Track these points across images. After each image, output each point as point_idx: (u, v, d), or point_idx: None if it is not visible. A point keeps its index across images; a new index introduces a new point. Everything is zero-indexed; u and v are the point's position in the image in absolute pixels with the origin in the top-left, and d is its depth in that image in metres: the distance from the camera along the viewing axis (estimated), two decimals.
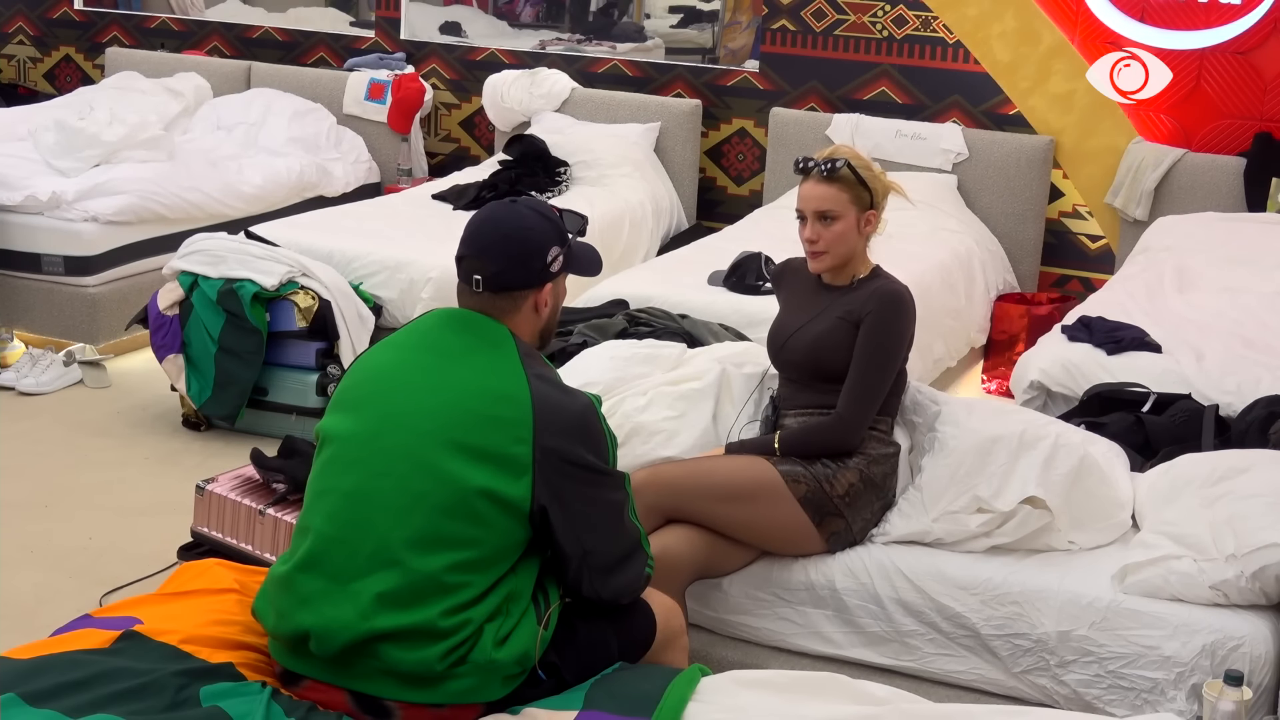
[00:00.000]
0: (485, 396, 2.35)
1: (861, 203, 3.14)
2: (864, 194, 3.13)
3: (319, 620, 2.29)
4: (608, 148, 6.30)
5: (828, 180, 3.12)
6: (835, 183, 3.12)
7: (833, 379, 3.12)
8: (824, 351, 3.12)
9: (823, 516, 3.07)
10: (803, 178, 3.18)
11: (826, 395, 3.14)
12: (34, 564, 3.90)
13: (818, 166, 3.13)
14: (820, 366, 3.13)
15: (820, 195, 3.13)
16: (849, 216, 3.13)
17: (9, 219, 5.56)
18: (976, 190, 5.99)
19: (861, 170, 3.14)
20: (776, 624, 3.13)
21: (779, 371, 3.29)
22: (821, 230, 3.13)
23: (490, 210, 2.51)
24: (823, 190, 3.12)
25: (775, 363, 3.28)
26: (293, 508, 3.57)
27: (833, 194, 3.12)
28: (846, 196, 3.12)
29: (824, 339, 3.13)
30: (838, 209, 3.12)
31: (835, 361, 3.11)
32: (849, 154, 3.16)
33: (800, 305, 3.25)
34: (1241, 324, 4.53)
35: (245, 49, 7.66)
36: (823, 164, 3.12)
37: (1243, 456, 3.24)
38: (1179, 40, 5.72)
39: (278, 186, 6.38)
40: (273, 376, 4.83)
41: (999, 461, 3.09)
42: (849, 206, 3.12)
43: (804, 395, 3.19)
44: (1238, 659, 2.77)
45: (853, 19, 6.30)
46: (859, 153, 3.20)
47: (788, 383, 3.25)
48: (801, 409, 3.18)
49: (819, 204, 3.12)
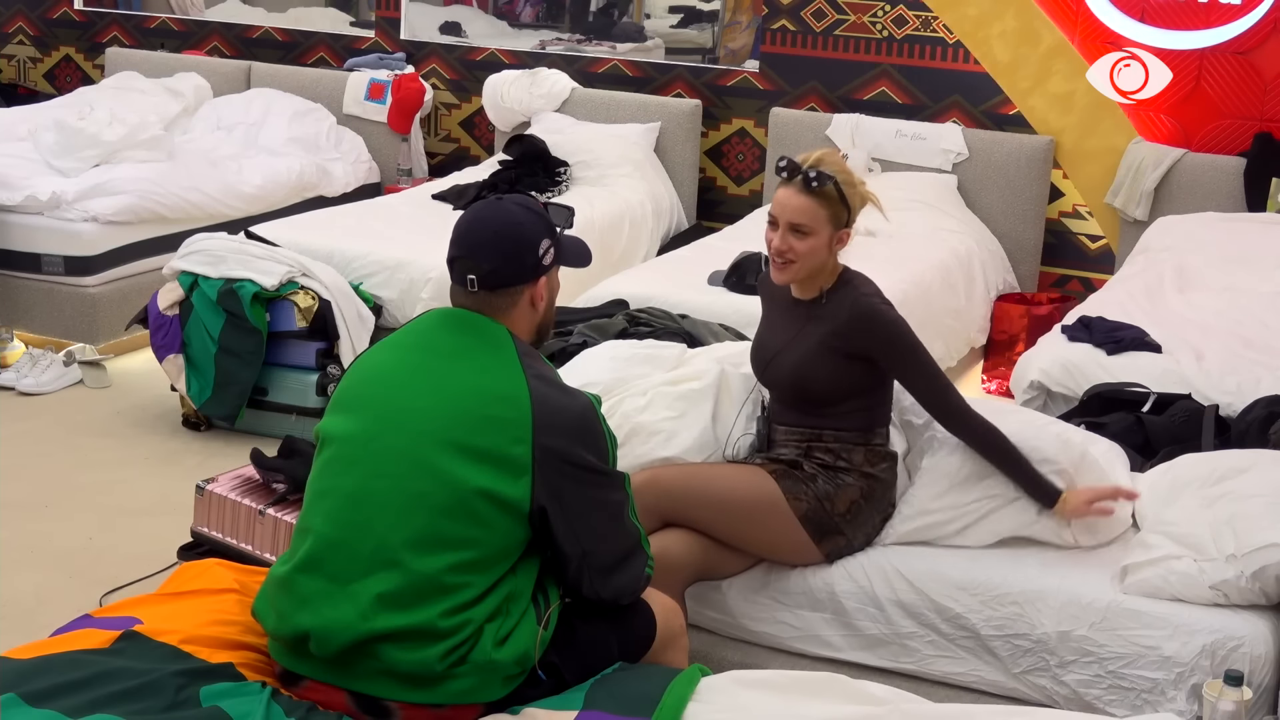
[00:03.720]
0: (484, 397, 2.35)
1: (838, 220, 2.99)
2: (842, 213, 2.99)
3: (319, 621, 2.29)
4: (608, 148, 6.31)
5: (809, 192, 2.96)
6: (816, 197, 2.96)
7: (819, 402, 3.08)
8: (807, 376, 3.06)
9: (823, 535, 3.05)
10: (784, 180, 3.01)
11: (819, 415, 3.09)
12: (34, 564, 3.90)
13: (802, 175, 2.97)
14: (805, 391, 3.08)
15: (798, 206, 2.97)
16: (823, 234, 2.97)
17: (9, 219, 5.57)
18: (976, 190, 5.99)
19: (845, 187, 2.99)
20: (775, 627, 3.12)
21: (765, 389, 3.25)
22: (793, 242, 2.98)
23: (477, 210, 2.51)
24: (802, 202, 2.96)
25: (761, 380, 3.23)
26: (293, 508, 3.57)
27: (811, 208, 2.96)
28: (825, 214, 2.97)
29: (806, 366, 3.05)
30: (813, 224, 2.97)
31: (819, 385, 3.05)
32: (836, 167, 2.99)
33: (779, 322, 3.17)
34: (1241, 324, 4.53)
35: (245, 49, 7.66)
36: (809, 174, 2.96)
37: (1243, 456, 3.24)
38: (1179, 40, 5.72)
39: (278, 186, 6.38)
40: (273, 376, 4.83)
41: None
42: (825, 224, 2.97)
43: (791, 414, 3.15)
44: (1238, 659, 2.77)
45: (853, 19, 6.30)
46: (845, 164, 3.05)
47: (776, 400, 3.22)
48: (791, 426, 3.14)
49: (795, 215, 2.97)
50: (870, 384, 3.07)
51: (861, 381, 3.06)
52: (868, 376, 3.05)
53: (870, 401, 3.10)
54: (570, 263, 2.59)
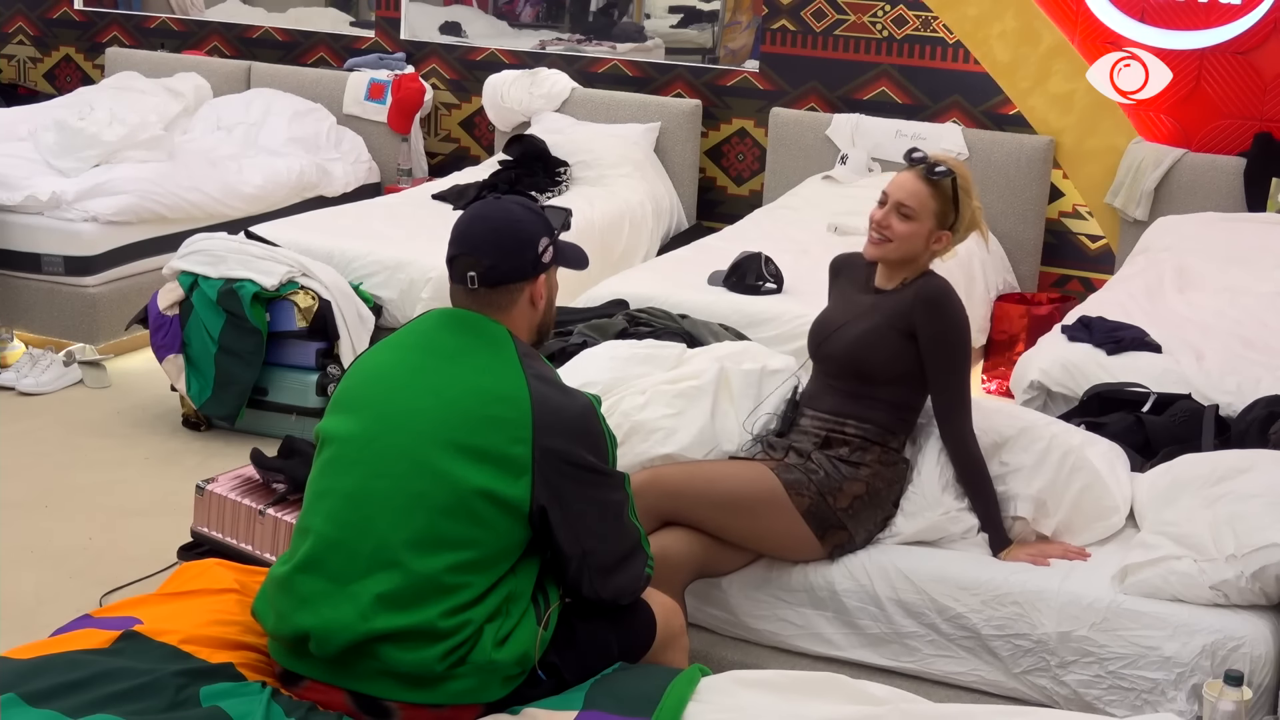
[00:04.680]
0: (484, 397, 2.35)
1: (944, 219, 3.09)
2: (950, 213, 3.09)
3: (319, 621, 2.29)
4: (608, 148, 6.30)
5: (926, 179, 3.07)
6: (931, 185, 3.07)
7: (868, 380, 3.11)
8: (864, 350, 3.10)
9: (825, 529, 3.06)
10: (907, 165, 3.14)
11: (854, 401, 3.12)
12: (34, 564, 3.90)
13: (924, 162, 3.09)
14: (859, 365, 3.11)
15: (911, 189, 3.08)
16: (925, 223, 3.08)
17: (9, 219, 5.56)
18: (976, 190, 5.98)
19: (961, 191, 3.09)
20: (776, 625, 3.12)
21: (815, 365, 3.26)
22: (894, 221, 3.08)
23: (476, 208, 2.52)
24: (916, 185, 3.08)
25: (814, 357, 3.25)
26: (293, 508, 3.56)
27: (923, 194, 3.07)
28: (934, 205, 3.07)
29: (865, 338, 3.10)
30: (919, 210, 3.07)
31: (873, 362, 3.09)
32: (961, 173, 3.11)
33: (848, 303, 3.22)
34: (1241, 324, 4.53)
35: (245, 49, 7.66)
36: (933, 164, 3.08)
37: (1243, 456, 3.24)
38: (1179, 40, 5.72)
39: (278, 186, 6.38)
40: (273, 376, 4.83)
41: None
42: (930, 215, 3.07)
43: (831, 398, 3.16)
44: (1238, 659, 2.77)
45: (853, 19, 6.30)
46: (971, 179, 3.14)
47: (821, 378, 3.22)
48: (825, 412, 3.16)
49: (905, 196, 3.07)
50: (913, 375, 3.10)
51: (911, 368, 3.09)
52: (918, 364, 3.09)
53: (906, 396, 3.13)
54: (569, 264, 2.60)
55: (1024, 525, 3.12)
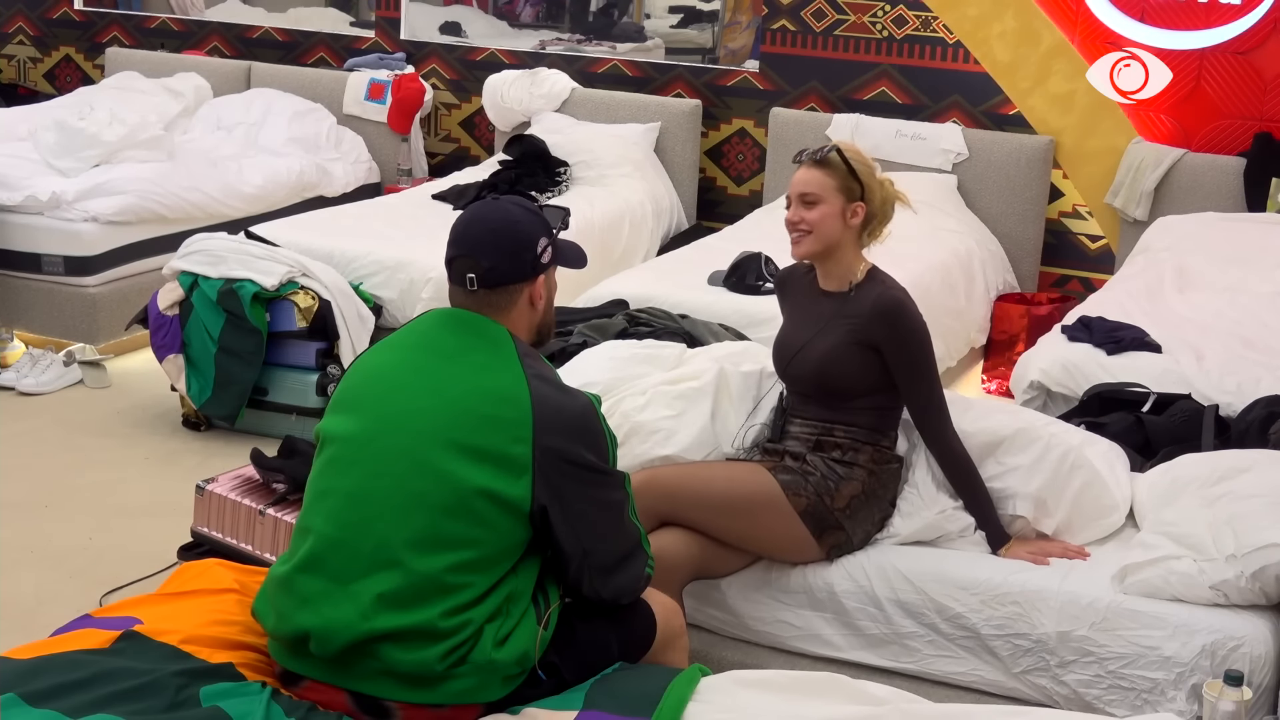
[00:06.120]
0: (484, 396, 2.35)
1: (849, 192, 3.09)
2: (853, 185, 3.10)
3: (319, 621, 2.29)
4: (608, 148, 6.30)
5: (815, 165, 3.11)
6: (822, 168, 3.09)
7: (840, 394, 3.11)
8: (831, 369, 3.09)
9: (823, 530, 3.06)
10: (797, 168, 3.17)
11: (835, 410, 3.12)
12: (34, 564, 3.90)
13: (809, 153, 3.14)
14: (828, 384, 3.11)
15: (805, 179, 3.11)
16: (832, 202, 3.08)
17: (9, 219, 5.56)
18: (976, 190, 5.99)
19: (853, 160, 3.11)
20: (775, 627, 3.12)
21: (786, 385, 3.26)
22: (803, 212, 3.10)
23: (475, 209, 2.52)
24: (809, 175, 3.11)
25: (782, 377, 3.25)
26: (293, 508, 3.56)
27: (818, 178, 3.09)
28: (832, 183, 3.08)
29: (830, 357, 3.09)
30: (821, 193, 3.08)
31: (843, 378, 3.09)
32: (846, 146, 3.15)
33: (803, 317, 3.21)
34: (1241, 324, 4.53)
35: (245, 49, 7.66)
36: (815, 151, 3.12)
37: (1243, 456, 3.24)
38: (1179, 40, 5.72)
39: (278, 186, 6.38)
40: (273, 376, 4.83)
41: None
42: (834, 193, 3.08)
43: (811, 407, 3.17)
44: (1238, 659, 2.77)
45: (853, 19, 6.30)
46: (860, 150, 3.17)
47: (795, 394, 3.24)
48: (809, 420, 3.16)
49: (803, 187, 3.10)
50: (890, 383, 3.10)
51: (883, 378, 3.09)
52: (888, 373, 3.09)
53: (886, 402, 3.13)
54: (568, 263, 2.60)
55: (1024, 524, 3.13)
